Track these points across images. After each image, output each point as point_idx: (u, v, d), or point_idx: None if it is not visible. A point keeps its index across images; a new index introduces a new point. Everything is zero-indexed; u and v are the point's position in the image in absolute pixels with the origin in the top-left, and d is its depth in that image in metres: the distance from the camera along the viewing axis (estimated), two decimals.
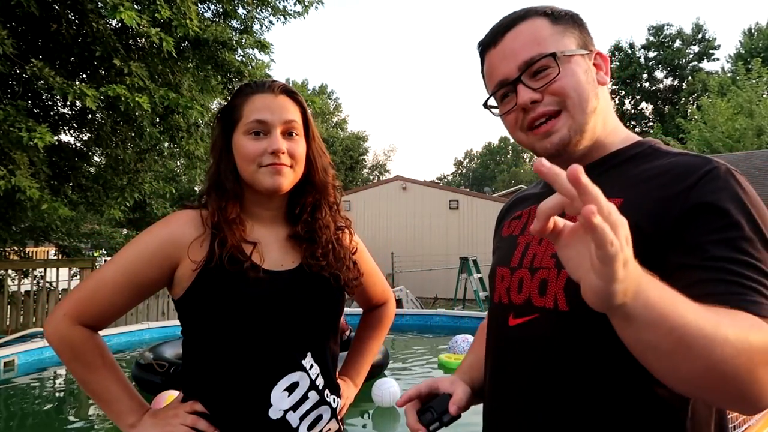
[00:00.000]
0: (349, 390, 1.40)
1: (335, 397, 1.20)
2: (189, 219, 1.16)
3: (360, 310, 1.51)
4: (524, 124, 0.96)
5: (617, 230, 0.58)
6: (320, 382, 1.16)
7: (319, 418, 1.16)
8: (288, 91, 1.21)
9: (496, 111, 1.01)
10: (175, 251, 1.13)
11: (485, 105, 1.01)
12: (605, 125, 0.98)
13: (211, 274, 1.11)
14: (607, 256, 0.57)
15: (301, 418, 1.13)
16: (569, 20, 0.98)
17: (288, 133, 1.17)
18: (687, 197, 0.80)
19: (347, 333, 5.36)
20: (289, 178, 1.17)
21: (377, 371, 5.10)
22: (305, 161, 1.21)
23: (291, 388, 1.12)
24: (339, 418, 1.22)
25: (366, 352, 1.48)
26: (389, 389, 4.52)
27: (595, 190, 0.57)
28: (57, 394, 5.66)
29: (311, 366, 1.15)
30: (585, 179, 0.57)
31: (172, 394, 3.47)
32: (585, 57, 0.96)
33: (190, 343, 1.19)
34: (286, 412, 1.12)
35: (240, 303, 1.11)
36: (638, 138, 1.00)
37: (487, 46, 0.99)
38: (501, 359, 0.99)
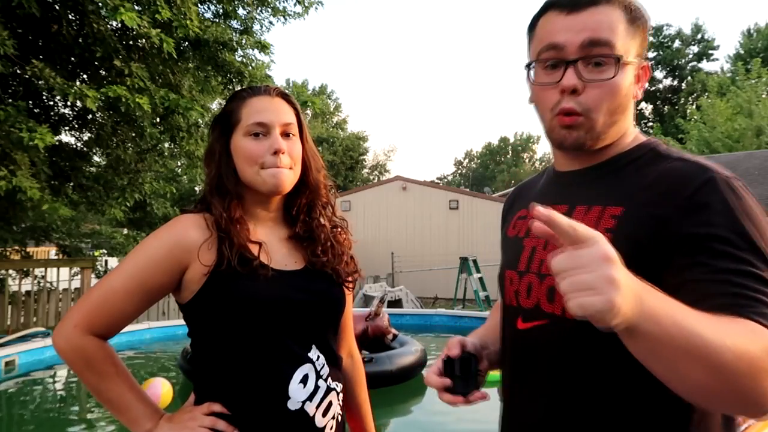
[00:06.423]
0: None
1: (337, 383, 1.23)
2: (194, 222, 1.16)
3: (400, 310, 1.45)
4: (557, 107, 0.93)
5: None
6: (325, 371, 1.19)
7: (330, 404, 1.19)
8: (283, 94, 1.24)
9: (533, 77, 0.96)
10: (184, 255, 1.13)
11: (528, 66, 0.98)
12: (625, 132, 0.98)
13: (222, 276, 1.12)
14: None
15: (317, 407, 1.16)
16: (641, 24, 0.95)
17: (285, 134, 1.20)
18: (687, 209, 0.81)
19: (390, 336, 5.32)
20: (289, 179, 1.20)
21: (417, 371, 4.99)
22: (300, 162, 1.24)
23: (304, 380, 1.16)
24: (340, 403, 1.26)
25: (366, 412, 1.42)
26: None
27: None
28: (58, 394, 5.67)
29: (318, 357, 1.19)
30: (558, 219, 0.63)
31: (163, 382, 3.52)
32: (636, 66, 0.94)
33: (201, 345, 1.20)
34: (303, 402, 1.15)
35: (254, 303, 1.13)
36: (643, 139, 1.00)
37: (560, 7, 0.93)
38: (514, 359, 1.04)
